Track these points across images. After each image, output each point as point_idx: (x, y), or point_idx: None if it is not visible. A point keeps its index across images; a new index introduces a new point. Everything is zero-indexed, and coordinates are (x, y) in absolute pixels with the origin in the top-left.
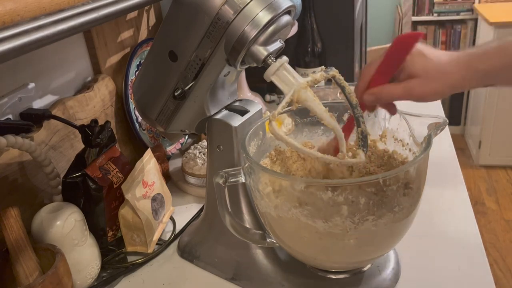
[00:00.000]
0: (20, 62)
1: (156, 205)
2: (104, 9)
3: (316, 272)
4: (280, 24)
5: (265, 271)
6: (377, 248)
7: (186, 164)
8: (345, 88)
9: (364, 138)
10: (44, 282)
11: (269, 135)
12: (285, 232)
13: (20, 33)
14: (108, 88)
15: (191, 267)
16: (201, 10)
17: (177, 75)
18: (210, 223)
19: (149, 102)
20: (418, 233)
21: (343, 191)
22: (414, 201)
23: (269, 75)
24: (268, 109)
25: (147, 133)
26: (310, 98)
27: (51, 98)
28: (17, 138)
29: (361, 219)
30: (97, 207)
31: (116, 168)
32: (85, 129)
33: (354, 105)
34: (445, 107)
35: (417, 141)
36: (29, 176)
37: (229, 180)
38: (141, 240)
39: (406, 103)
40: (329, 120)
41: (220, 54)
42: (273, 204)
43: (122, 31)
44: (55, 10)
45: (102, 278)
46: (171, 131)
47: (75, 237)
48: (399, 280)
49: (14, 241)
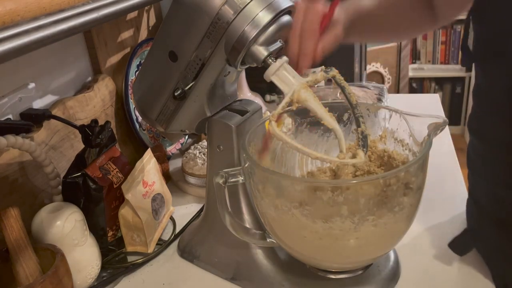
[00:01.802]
0: (20, 62)
1: (156, 205)
2: (104, 9)
3: (316, 272)
4: (280, 24)
5: (265, 271)
6: (377, 248)
7: (186, 164)
8: (345, 88)
9: (364, 138)
10: (44, 282)
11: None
12: (285, 232)
13: (20, 33)
14: (108, 88)
15: (191, 267)
16: (201, 10)
17: (177, 75)
18: (210, 223)
19: (149, 102)
20: (418, 233)
21: (343, 191)
22: (414, 201)
23: (269, 75)
24: (268, 109)
25: (147, 133)
26: (310, 98)
27: (51, 98)
28: (17, 138)
29: (361, 219)
30: (97, 207)
31: (116, 168)
32: (85, 129)
33: (354, 105)
34: (445, 107)
35: (417, 141)
36: (29, 176)
37: (229, 180)
38: (141, 240)
39: (406, 103)
40: (329, 120)
41: (220, 54)
42: (273, 204)
43: (122, 31)
44: (55, 10)
45: (102, 278)
46: (171, 131)
47: (75, 237)
48: (399, 280)
49: (14, 241)
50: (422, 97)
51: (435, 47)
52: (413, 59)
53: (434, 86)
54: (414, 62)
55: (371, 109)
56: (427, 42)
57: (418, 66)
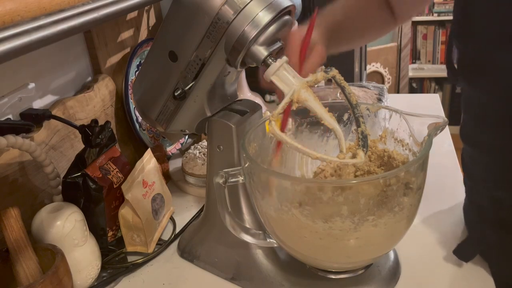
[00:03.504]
0: (20, 62)
1: (156, 205)
2: (104, 9)
3: (316, 272)
4: (280, 24)
5: (265, 271)
6: (377, 248)
7: (186, 164)
8: (345, 88)
9: (364, 138)
10: (44, 282)
11: (269, 135)
12: (285, 232)
13: (20, 33)
14: (108, 88)
15: (191, 267)
16: (201, 10)
17: (177, 75)
18: (210, 223)
19: (149, 102)
20: (418, 233)
21: (343, 191)
22: (414, 201)
23: (269, 75)
24: (268, 109)
25: (147, 133)
26: (310, 98)
27: (51, 98)
28: (17, 138)
29: (361, 219)
30: (97, 207)
31: (116, 168)
32: (85, 129)
33: (354, 105)
34: (445, 107)
35: (417, 141)
36: (29, 176)
37: (229, 180)
38: (141, 240)
39: (406, 103)
40: (329, 120)
41: (220, 54)
42: (273, 204)
43: (122, 31)
44: (55, 10)
45: (102, 278)
46: (171, 131)
47: (75, 237)
48: (399, 280)
49: (14, 241)
50: (422, 97)
51: (435, 47)
52: (413, 59)
53: (434, 86)
54: (414, 62)
55: (371, 109)
56: (427, 42)
57: (418, 66)
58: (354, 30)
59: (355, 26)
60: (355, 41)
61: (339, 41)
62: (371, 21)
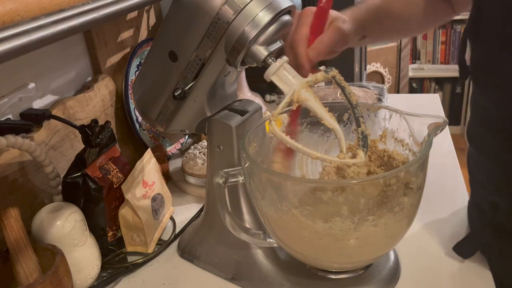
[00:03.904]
0: (20, 62)
1: (156, 205)
2: (104, 9)
3: (316, 272)
4: (280, 24)
5: (265, 271)
6: (377, 248)
7: (186, 164)
8: (345, 88)
9: (364, 138)
10: (44, 282)
11: (269, 135)
12: (285, 232)
13: (20, 33)
14: (108, 88)
15: (191, 267)
16: (201, 10)
17: (177, 75)
18: (210, 223)
19: (149, 102)
20: (418, 233)
21: (343, 191)
22: (414, 201)
23: (269, 75)
24: (268, 109)
25: (147, 133)
26: (310, 98)
27: (51, 98)
28: (17, 138)
29: (361, 219)
30: (97, 207)
31: (116, 168)
32: (85, 129)
33: (354, 105)
34: (445, 107)
35: (417, 141)
36: (29, 176)
37: (229, 180)
38: (141, 240)
39: (406, 103)
40: (329, 120)
41: (220, 54)
42: (273, 204)
43: (122, 31)
44: (55, 10)
45: (102, 278)
46: (171, 131)
47: (75, 237)
48: (399, 280)
49: (14, 241)
50: (422, 97)
51: (435, 47)
52: (413, 59)
53: (434, 86)
54: (414, 62)
55: (371, 109)
56: (427, 42)
57: (418, 66)
58: (396, 16)
59: (396, 12)
60: (406, 29)
61: (384, 28)
62: (426, 9)
